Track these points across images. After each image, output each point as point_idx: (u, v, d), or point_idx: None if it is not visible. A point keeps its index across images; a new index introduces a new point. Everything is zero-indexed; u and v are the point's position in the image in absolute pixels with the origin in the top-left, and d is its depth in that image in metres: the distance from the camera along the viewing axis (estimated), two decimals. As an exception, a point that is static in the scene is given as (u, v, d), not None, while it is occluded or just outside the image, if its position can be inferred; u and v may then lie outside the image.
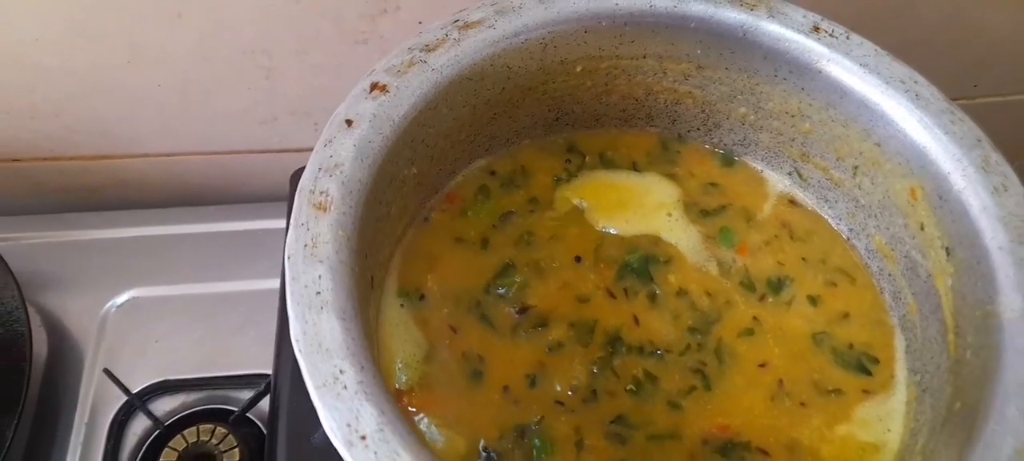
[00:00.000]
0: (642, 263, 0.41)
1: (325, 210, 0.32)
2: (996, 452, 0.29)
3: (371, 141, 0.34)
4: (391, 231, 0.39)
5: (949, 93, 0.74)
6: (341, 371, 0.28)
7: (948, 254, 0.36)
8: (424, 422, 0.37)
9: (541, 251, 0.42)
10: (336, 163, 0.33)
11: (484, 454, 0.36)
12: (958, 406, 0.33)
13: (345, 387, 0.28)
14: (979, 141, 0.36)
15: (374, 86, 0.35)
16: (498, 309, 0.40)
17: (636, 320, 0.41)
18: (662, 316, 0.41)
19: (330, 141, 0.34)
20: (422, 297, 0.40)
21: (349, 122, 0.34)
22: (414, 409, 0.37)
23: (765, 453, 0.37)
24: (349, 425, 0.27)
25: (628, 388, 0.39)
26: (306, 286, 0.30)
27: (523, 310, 0.39)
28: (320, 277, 0.30)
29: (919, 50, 0.68)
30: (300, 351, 0.28)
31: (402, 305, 0.40)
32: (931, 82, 0.49)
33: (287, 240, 0.31)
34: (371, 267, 0.35)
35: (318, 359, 0.28)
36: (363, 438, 0.27)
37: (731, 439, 0.37)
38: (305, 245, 0.31)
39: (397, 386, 0.38)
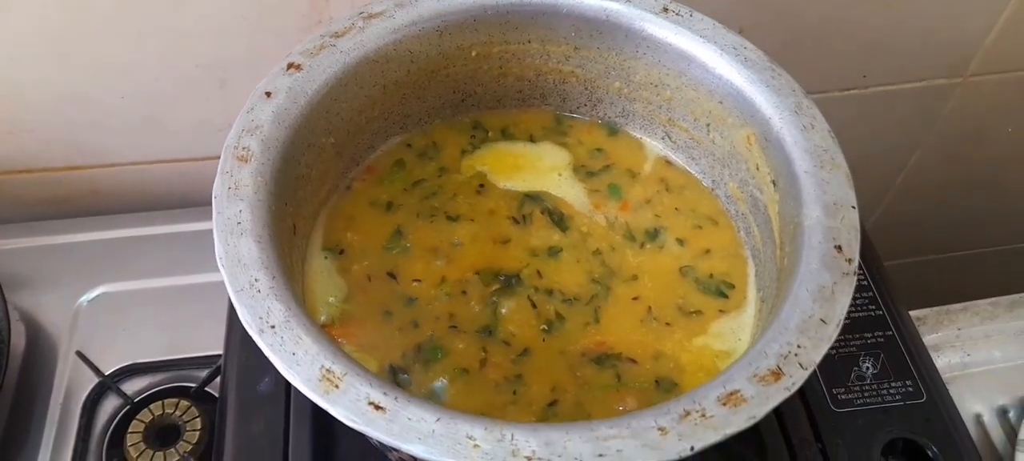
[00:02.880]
0: (537, 195, 0.49)
1: (246, 161, 0.39)
2: (786, 323, 0.35)
3: (287, 109, 0.41)
4: (315, 192, 0.46)
5: (840, 84, 0.82)
6: (256, 279, 0.35)
7: (774, 186, 0.44)
8: (343, 347, 0.43)
9: (446, 202, 0.49)
10: (256, 125, 0.40)
11: (390, 369, 0.42)
12: (776, 302, 0.40)
13: (259, 291, 0.35)
14: (793, 91, 0.44)
15: (290, 65, 0.43)
16: (396, 264, 0.47)
17: (539, 274, 0.48)
18: (559, 262, 0.48)
19: (252, 109, 0.41)
20: (342, 251, 0.47)
21: (268, 94, 0.41)
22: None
23: (634, 361, 0.44)
24: (261, 318, 0.34)
25: (543, 327, 0.45)
26: (229, 218, 0.37)
27: (392, 275, 0.46)
28: (240, 211, 0.37)
29: (807, 46, 0.76)
30: (223, 266, 0.35)
31: (326, 257, 0.47)
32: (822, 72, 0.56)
33: (215, 185, 0.38)
34: (291, 214, 0.42)
35: (238, 271, 0.35)
36: (273, 327, 0.34)
37: (606, 352, 0.44)
38: (229, 187, 0.38)
39: (321, 321, 0.44)
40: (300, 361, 0.33)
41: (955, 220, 1.04)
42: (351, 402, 0.32)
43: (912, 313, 0.64)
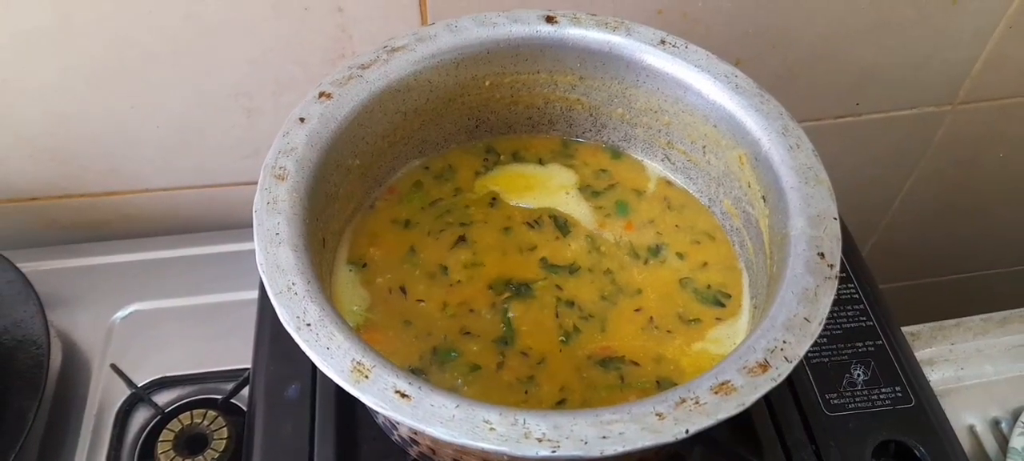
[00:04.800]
0: (548, 212, 0.53)
1: (283, 179, 0.43)
2: (773, 321, 0.39)
3: (319, 133, 0.46)
4: (341, 210, 0.50)
5: (835, 112, 0.86)
6: (293, 283, 0.39)
7: (764, 201, 0.47)
8: (367, 352, 0.47)
9: (460, 216, 0.53)
10: (292, 147, 0.44)
11: (410, 372, 0.46)
12: (765, 305, 0.43)
13: (296, 293, 0.38)
14: (781, 114, 0.48)
15: (322, 94, 0.47)
16: (413, 279, 0.50)
17: (559, 287, 0.51)
18: (578, 280, 0.52)
19: (287, 133, 0.45)
20: (365, 265, 0.51)
21: (302, 119, 0.46)
22: (359, 343, 0.47)
23: (636, 364, 0.47)
24: (298, 317, 0.38)
25: (561, 338, 0.48)
26: (268, 229, 0.41)
27: (403, 289, 0.50)
28: (278, 223, 0.41)
29: (802, 77, 0.80)
30: (263, 271, 0.39)
31: (350, 270, 0.50)
32: (808, 100, 0.59)
33: (255, 200, 0.42)
34: (322, 229, 0.46)
35: (276, 275, 0.39)
36: (309, 324, 0.37)
37: (611, 356, 0.48)
38: (268, 203, 0.42)
39: (347, 328, 0.48)
40: (334, 354, 0.36)
41: (950, 244, 1.07)
42: (379, 390, 0.35)
43: (906, 329, 0.67)
